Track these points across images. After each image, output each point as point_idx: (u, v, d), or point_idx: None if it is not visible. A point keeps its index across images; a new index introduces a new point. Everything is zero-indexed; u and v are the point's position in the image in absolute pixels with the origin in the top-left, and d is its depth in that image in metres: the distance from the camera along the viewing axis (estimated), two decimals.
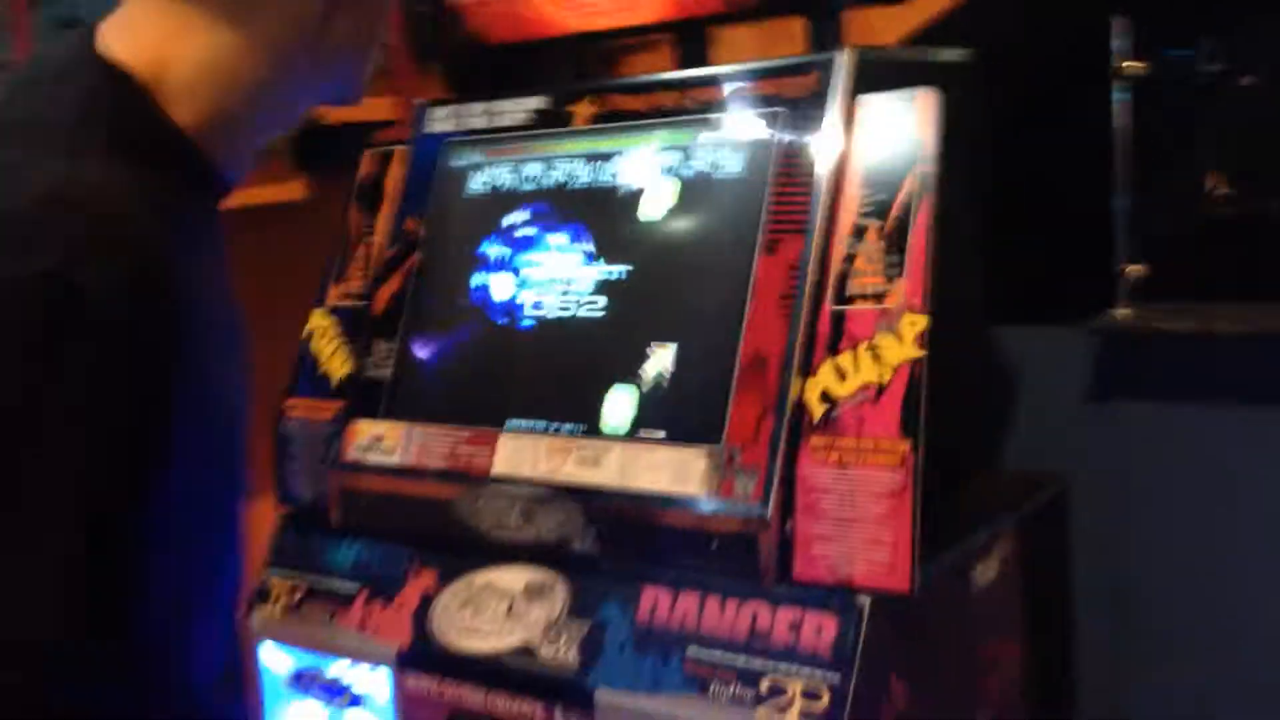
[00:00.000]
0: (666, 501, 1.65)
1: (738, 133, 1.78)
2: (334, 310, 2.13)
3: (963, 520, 1.74)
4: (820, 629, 1.52)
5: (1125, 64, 2.22)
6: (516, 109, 2.03)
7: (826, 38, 1.86)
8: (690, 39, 2.00)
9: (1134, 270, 2.24)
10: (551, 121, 1.98)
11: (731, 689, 1.54)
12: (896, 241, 1.60)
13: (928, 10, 2.33)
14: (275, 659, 1.98)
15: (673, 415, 1.70)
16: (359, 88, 1.19)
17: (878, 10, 1.89)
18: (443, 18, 2.07)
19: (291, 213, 2.46)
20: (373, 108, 2.40)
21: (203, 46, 1.04)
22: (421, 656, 1.80)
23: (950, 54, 1.87)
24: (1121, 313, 2.24)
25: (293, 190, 2.49)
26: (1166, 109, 2.19)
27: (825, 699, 1.48)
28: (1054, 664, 2.04)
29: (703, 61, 2.01)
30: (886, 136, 1.65)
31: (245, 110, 1.07)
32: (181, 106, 1.03)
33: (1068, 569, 2.07)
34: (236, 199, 2.38)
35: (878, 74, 1.72)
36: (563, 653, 1.68)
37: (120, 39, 1.04)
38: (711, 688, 1.55)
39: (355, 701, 1.89)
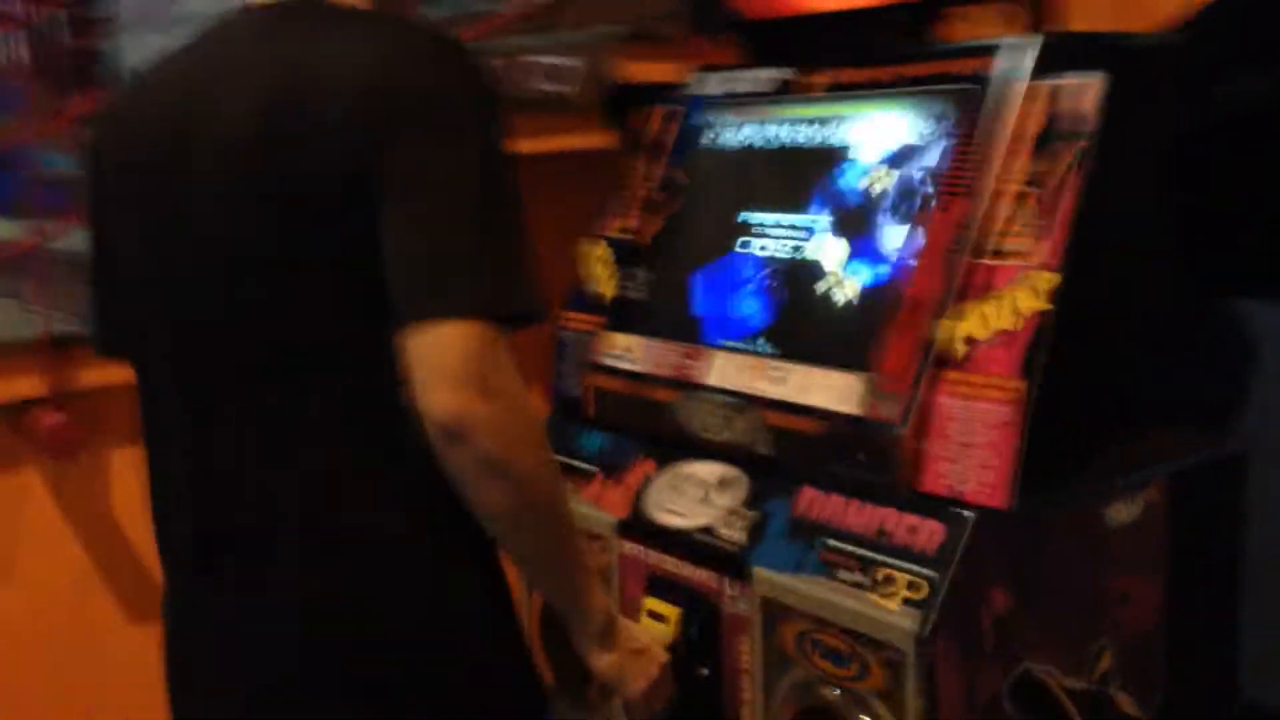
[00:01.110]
0: (828, 416, 1.94)
1: (934, 107, 2.02)
2: (610, 240, 2.54)
3: (1108, 463, 1.92)
4: (931, 534, 1.78)
5: None
6: (768, 78, 2.35)
7: (1039, 19, 2.05)
8: (923, 19, 2.24)
9: None
10: (792, 89, 2.29)
11: (854, 575, 1.83)
12: (1049, 208, 1.81)
13: None
14: None
15: (846, 344, 1.99)
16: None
17: None
18: None
19: (596, 158, 2.89)
20: (668, 70, 2.80)
21: None
22: (634, 528, 2.19)
23: (1148, 39, 2.01)
24: None
25: (603, 139, 2.91)
26: None
27: (924, 592, 1.74)
28: (1213, 624, 2.16)
29: (933, 38, 2.25)
30: (1056, 114, 1.85)
31: None
32: None
33: (1238, 533, 2.17)
34: (556, 144, 2.84)
35: (1066, 55, 1.91)
36: (736, 535, 2.02)
37: None
38: (839, 573, 1.85)
39: None
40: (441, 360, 1.26)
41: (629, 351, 2.36)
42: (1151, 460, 1.98)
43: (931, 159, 1.99)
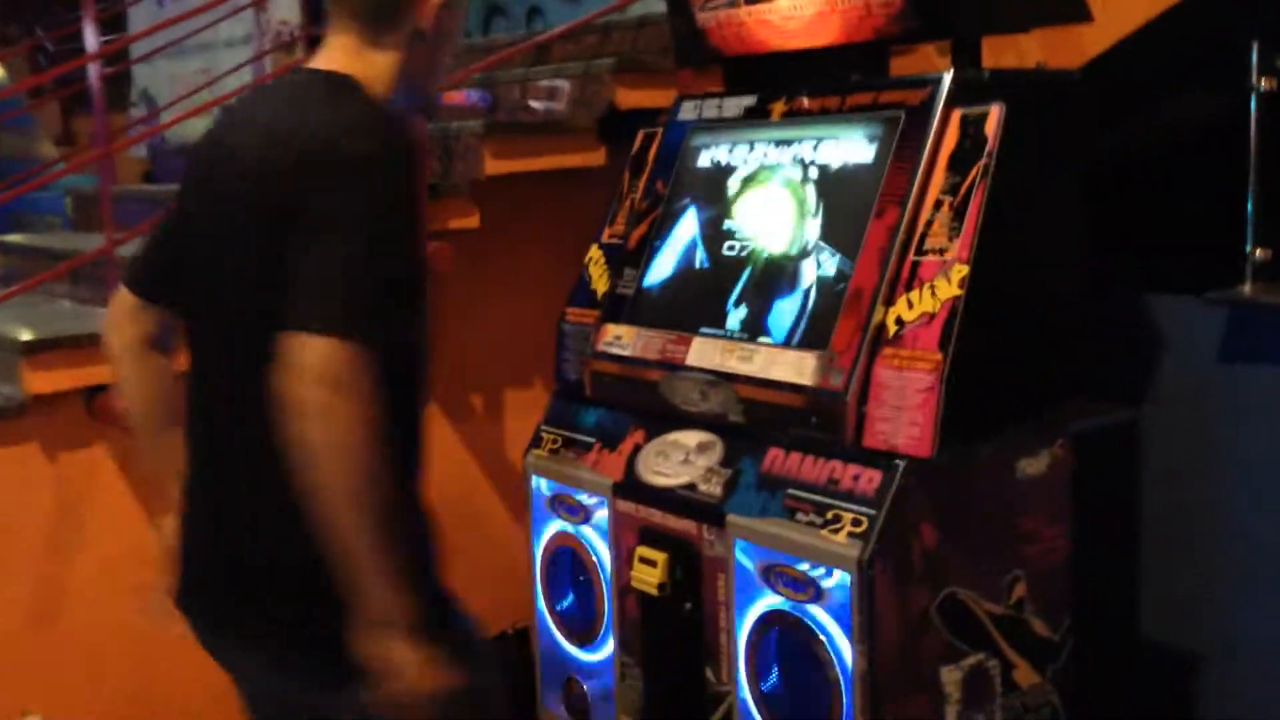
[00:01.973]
0: (787, 387, 2.34)
1: (877, 130, 2.43)
2: (603, 245, 2.94)
3: (1019, 424, 2.32)
4: (870, 480, 2.18)
5: (1262, 79, 2.66)
6: (735, 105, 2.76)
7: (963, 58, 2.45)
8: (873, 55, 2.65)
9: (1261, 254, 2.69)
10: (756, 115, 2.70)
11: (809, 517, 2.22)
12: (959, 213, 2.21)
13: (1112, 35, 2.85)
14: (541, 487, 2.83)
15: (802, 328, 2.39)
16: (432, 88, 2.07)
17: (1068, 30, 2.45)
18: (693, 36, 2.82)
19: (595, 174, 3.29)
20: (656, 97, 3.20)
21: (369, 64, 1.89)
22: (628, 488, 2.59)
23: (1052, 73, 2.42)
24: (1247, 288, 2.69)
25: (596, 158, 3.32)
26: None
27: (864, 526, 2.14)
28: (1113, 565, 2.56)
29: (886, 72, 2.66)
30: (966, 136, 2.26)
31: (390, 91, 1.91)
32: (371, 89, 1.88)
33: (1134, 489, 2.57)
34: (555, 162, 3.24)
35: (975, 89, 2.32)
36: (713, 490, 2.42)
37: (326, 64, 1.90)
38: (797, 515, 2.25)
39: (587, 517, 2.70)
40: (299, 360, 1.65)
41: (621, 339, 2.76)
42: (1056, 423, 2.38)
43: (870, 174, 2.40)
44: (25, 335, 2.93)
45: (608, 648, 2.70)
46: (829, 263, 2.42)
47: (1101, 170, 2.53)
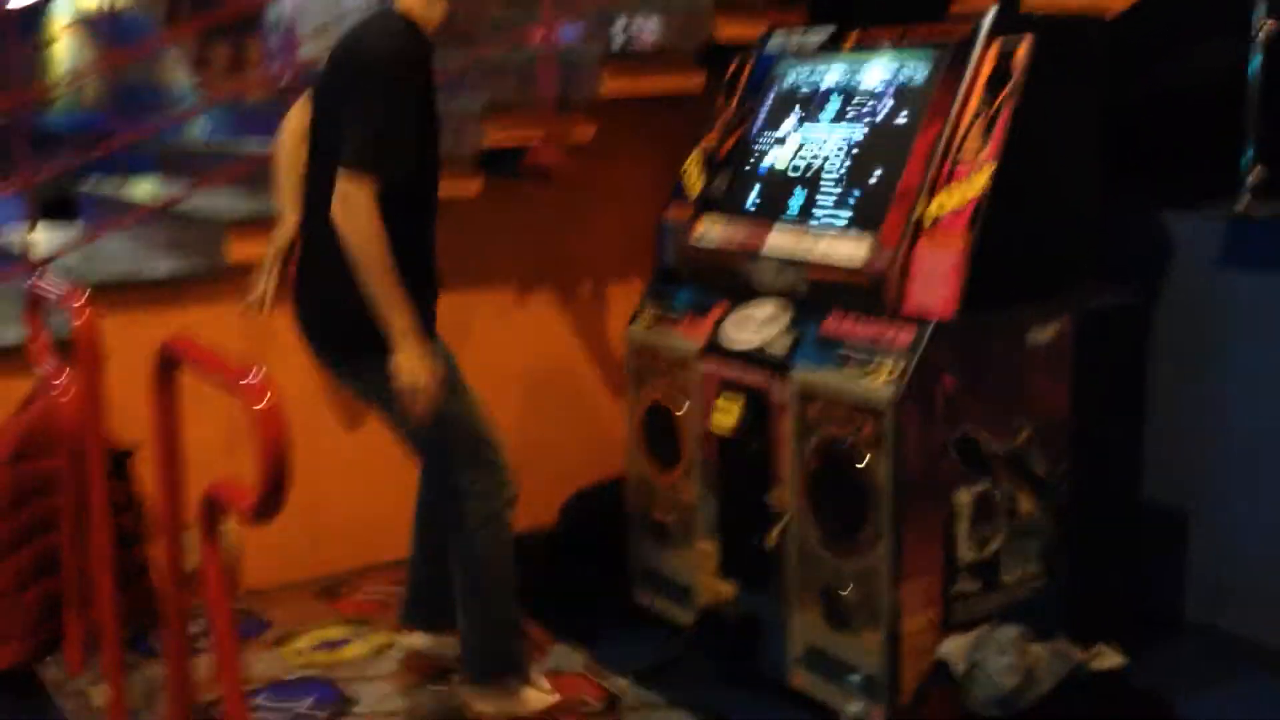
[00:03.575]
0: (849, 268, 2.90)
1: (929, 59, 2.95)
2: (701, 153, 3.50)
3: (1031, 298, 2.86)
4: (905, 336, 2.73)
5: (1262, 22, 3.13)
6: (815, 36, 3.30)
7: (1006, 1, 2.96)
8: None
9: (1256, 174, 3.17)
10: (831, 45, 3.24)
11: (854, 366, 2.79)
12: (991, 124, 2.75)
13: None
14: (639, 352, 3.42)
15: (861, 217, 2.94)
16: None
17: None
18: None
19: (692, 98, 3.84)
20: (748, 29, 3.73)
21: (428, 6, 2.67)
22: (711, 349, 3.17)
23: (1077, 15, 2.93)
24: (1243, 204, 3.18)
25: (695, 83, 3.86)
26: None
27: (899, 372, 2.70)
28: (1114, 426, 3.08)
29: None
30: (1000, 63, 2.78)
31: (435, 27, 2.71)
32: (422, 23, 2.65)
33: (1137, 363, 3.09)
34: (657, 86, 3.81)
35: (1015, 24, 2.83)
36: (781, 348, 2.99)
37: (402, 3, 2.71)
38: (847, 366, 2.81)
39: (677, 378, 3.29)
40: (341, 185, 2.57)
41: (711, 231, 3.33)
42: (1064, 302, 2.91)
43: (920, 94, 2.93)
44: (229, 215, 3.59)
45: (688, 482, 3.29)
46: (883, 167, 2.96)
47: (1120, 100, 3.03)
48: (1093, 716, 2.49)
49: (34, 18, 9.00)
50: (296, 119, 2.97)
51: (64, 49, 9.97)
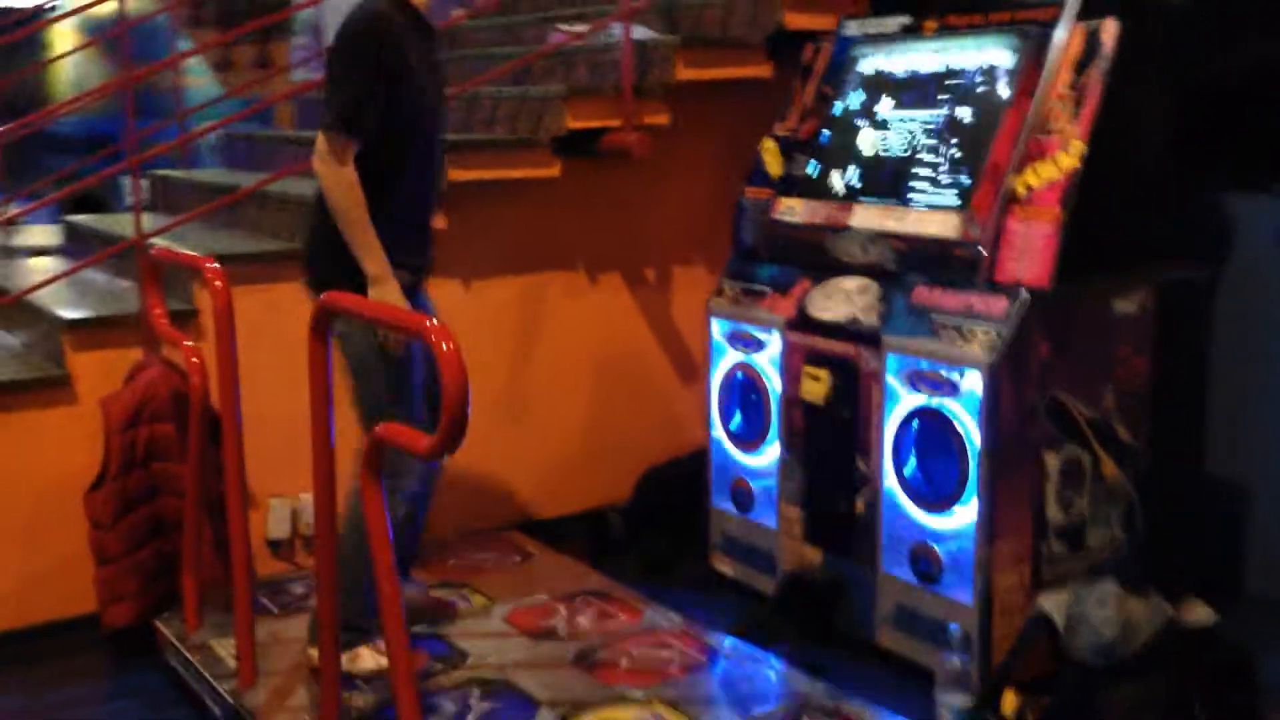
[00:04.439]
0: (937, 241, 3.02)
1: (1011, 42, 3.08)
2: (777, 137, 3.62)
3: (1118, 271, 2.98)
4: (1000, 304, 2.85)
5: None
6: (892, 22, 3.43)
7: None
8: None
9: None
10: (911, 30, 3.36)
11: (949, 334, 2.91)
12: (1078, 102, 2.87)
13: None
14: (721, 327, 3.54)
15: (951, 192, 3.06)
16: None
17: None
18: None
19: (762, 85, 3.97)
20: (817, 20, 3.86)
21: None
22: (797, 322, 3.29)
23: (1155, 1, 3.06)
24: None
25: (763, 70, 3.99)
26: None
27: (994, 338, 2.82)
28: (1186, 391, 3.21)
29: None
30: (1087, 45, 2.91)
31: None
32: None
33: (1206, 332, 3.22)
34: (733, 73, 3.92)
35: (1100, 6, 2.96)
36: (870, 319, 3.10)
37: None
38: (941, 334, 2.93)
39: (760, 347, 3.41)
40: (316, 142, 2.78)
41: (794, 209, 3.45)
42: (1146, 275, 3.04)
43: (1010, 74, 3.06)
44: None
45: (771, 452, 3.40)
46: (971, 146, 3.08)
47: (1193, 82, 3.16)
48: (1188, 666, 2.60)
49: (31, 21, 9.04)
50: None
51: (72, 56, 10.06)
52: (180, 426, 3.23)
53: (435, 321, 2.02)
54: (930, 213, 3.09)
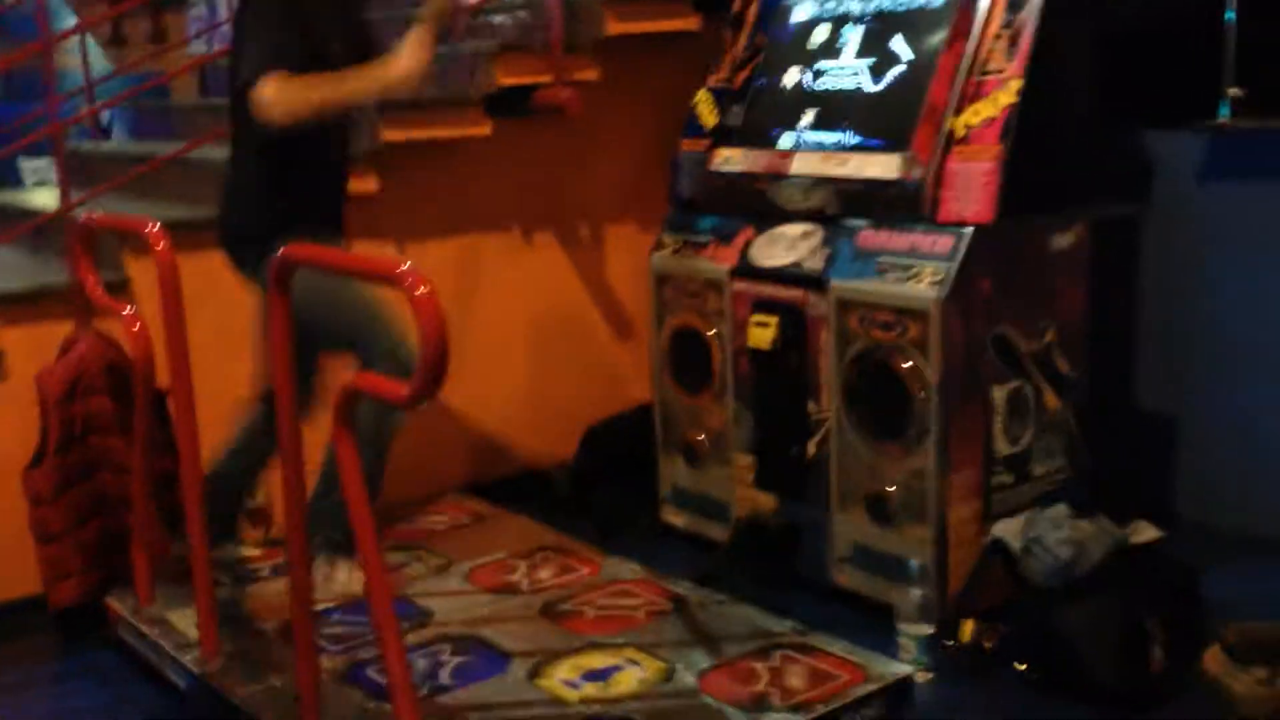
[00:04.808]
0: (879, 183, 3.06)
1: None
2: (711, 89, 3.63)
3: (1054, 208, 3.05)
4: (945, 242, 2.90)
5: None
6: None
7: None
8: None
9: (1235, 91, 3.40)
10: None
11: (895, 274, 2.95)
12: (1014, 41, 2.93)
13: None
14: (664, 280, 3.55)
15: (889, 135, 3.10)
16: None
17: None
18: None
19: (692, 39, 3.97)
20: None
21: None
22: (742, 270, 3.31)
23: None
24: (1223, 119, 3.41)
25: (692, 23, 3.99)
26: None
27: (941, 275, 2.87)
28: (1117, 321, 3.30)
29: None
30: None
31: None
32: None
33: (1134, 267, 3.32)
34: (654, 26, 3.93)
35: None
36: (816, 263, 3.14)
37: None
38: (886, 274, 2.97)
39: (704, 300, 3.43)
40: (252, 99, 2.78)
41: (731, 159, 3.47)
42: (1079, 211, 3.12)
43: (943, 16, 3.10)
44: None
45: (723, 401, 3.43)
46: (907, 87, 3.13)
47: (1121, 23, 3.24)
48: (1138, 583, 2.69)
49: None
50: None
51: None
52: (117, 400, 3.16)
53: (408, 265, 2.00)
54: (870, 155, 3.13)
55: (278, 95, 2.76)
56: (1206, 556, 3.06)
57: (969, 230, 2.89)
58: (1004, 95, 2.91)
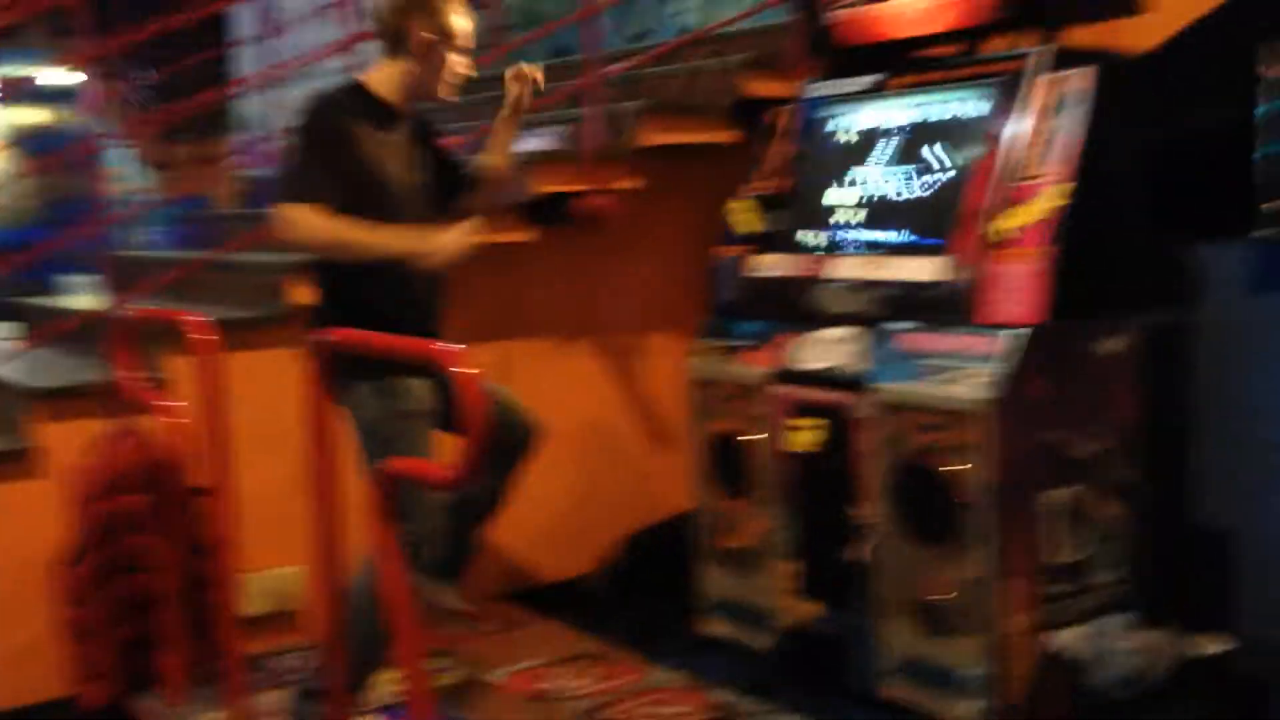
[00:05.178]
0: (921, 285, 3.06)
1: (980, 94, 3.16)
2: (749, 197, 3.66)
3: (1104, 312, 3.03)
4: (991, 343, 2.88)
5: (1268, 69, 3.40)
6: (856, 83, 3.50)
7: (1049, 38, 3.18)
8: (971, 38, 3.38)
9: (1271, 205, 3.41)
10: (876, 89, 3.44)
11: (942, 375, 2.93)
12: (1060, 147, 2.95)
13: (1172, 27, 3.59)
14: (703, 386, 3.53)
15: (930, 238, 3.11)
16: (435, 93, 3.05)
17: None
18: (820, 29, 3.57)
19: (729, 150, 4.02)
20: (778, 88, 3.94)
21: (382, 72, 2.95)
22: (783, 374, 3.29)
23: (1117, 53, 3.17)
24: (1261, 233, 3.41)
25: (731, 136, 4.05)
26: None
27: (988, 378, 2.84)
28: (1174, 429, 3.25)
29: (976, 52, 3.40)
30: (1064, 92, 2.99)
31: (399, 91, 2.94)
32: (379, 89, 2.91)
33: (1188, 373, 3.28)
34: (694, 137, 3.99)
35: (1065, 59, 3.05)
36: (859, 366, 3.12)
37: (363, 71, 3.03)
38: (928, 375, 2.95)
39: (746, 406, 3.40)
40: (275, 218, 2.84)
41: (773, 265, 3.47)
42: (1131, 315, 3.09)
43: (981, 123, 3.13)
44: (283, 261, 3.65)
45: (765, 508, 3.37)
46: (945, 194, 3.14)
47: (1166, 136, 3.26)
48: (1208, 695, 2.60)
49: None
50: None
51: None
52: (154, 498, 3.13)
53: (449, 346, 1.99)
54: (910, 258, 3.13)
55: (299, 222, 2.83)
56: (1271, 672, 2.97)
57: (1021, 331, 2.87)
58: (1050, 197, 2.92)
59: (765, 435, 3.35)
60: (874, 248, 3.26)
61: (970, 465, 2.86)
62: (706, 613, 3.59)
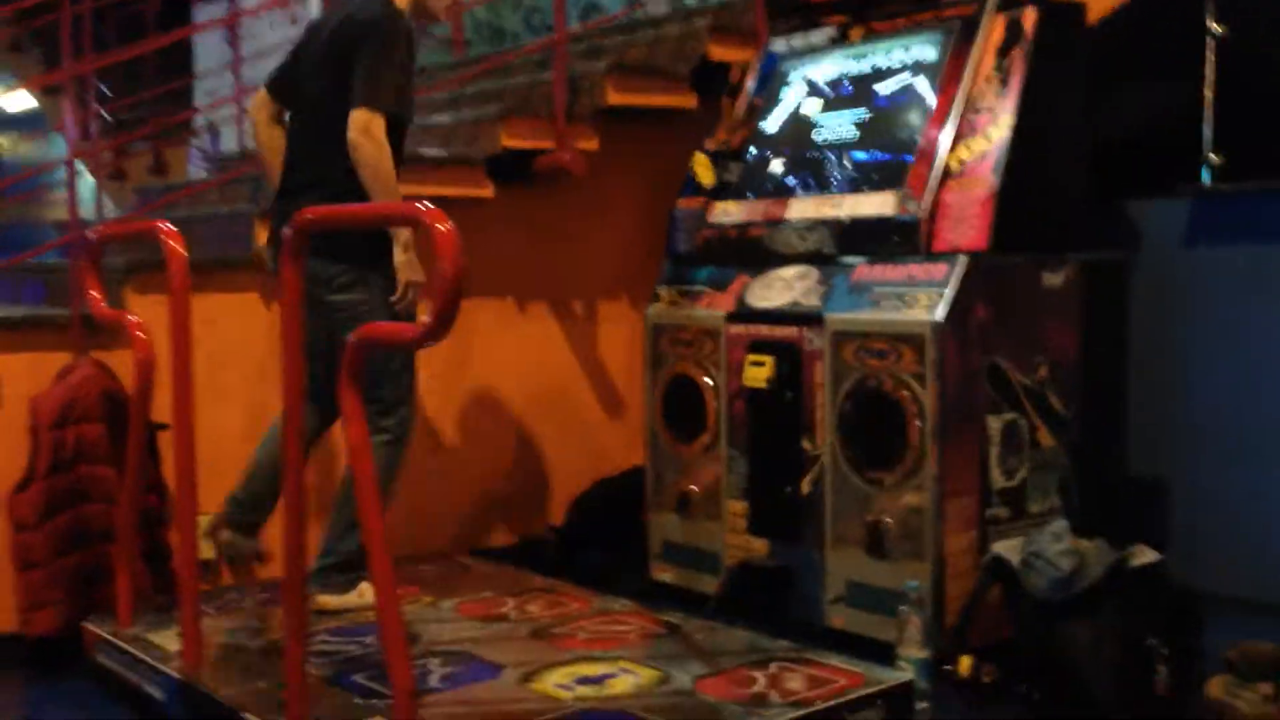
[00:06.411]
0: (875, 220, 3.13)
1: (937, 36, 3.26)
2: (708, 151, 3.73)
3: (1046, 247, 3.11)
4: (940, 270, 2.95)
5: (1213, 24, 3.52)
6: (818, 35, 3.60)
7: None
8: None
9: (1216, 158, 3.52)
10: (838, 40, 3.53)
11: (891, 303, 2.99)
12: (1004, 82, 3.04)
13: None
14: (660, 332, 3.58)
15: (885, 174, 3.19)
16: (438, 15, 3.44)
17: None
18: None
19: (689, 115, 4.09)
20: (737, 52, 4.03)
21: None
22: (738, 314, 3.35)
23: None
24: (1206, 184, 3.52)
25: (688, 101, 4.12)
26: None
27: (937, 301, 2.91)
28: (1108, 367, 3.33)
29: None
30: (1009, 31, 3.09)
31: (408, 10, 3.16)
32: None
33: (1123, 308, 3.37)
34: (657, 100, 4.05)
35: (1013, 2, 3.15)
36: (812, 301, 3.18)
37: None
38: (882, 304, 3.01)
39: (700, 348, 3.45)
40: (355, 120, 2.95)
41: (729, 211, 3.54)
42: (1069, 249, 3.18)
43: (936, 65, 3.23)
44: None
45: (717, 451, 3.42)
46: (902, 133, 3.23)
47: (1110, 83, 3.37)
48: (1139, 602, 2.65)
49: None
50: (264, 111, 3.34)
51: None
52: (110, 428, 3.14)
53: (425, 205, 2.05)
54: (866, 195, 3.21)
55: (376, 136, 2.95)
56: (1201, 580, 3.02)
57: (964, 257, 2.95)
58: (996, 129, 3.00)
59: (721, 376, 3.41)
60: (830, 187, 3.33)
61: (916, 388, 2.93)
62: (657, 559, 3.62)
